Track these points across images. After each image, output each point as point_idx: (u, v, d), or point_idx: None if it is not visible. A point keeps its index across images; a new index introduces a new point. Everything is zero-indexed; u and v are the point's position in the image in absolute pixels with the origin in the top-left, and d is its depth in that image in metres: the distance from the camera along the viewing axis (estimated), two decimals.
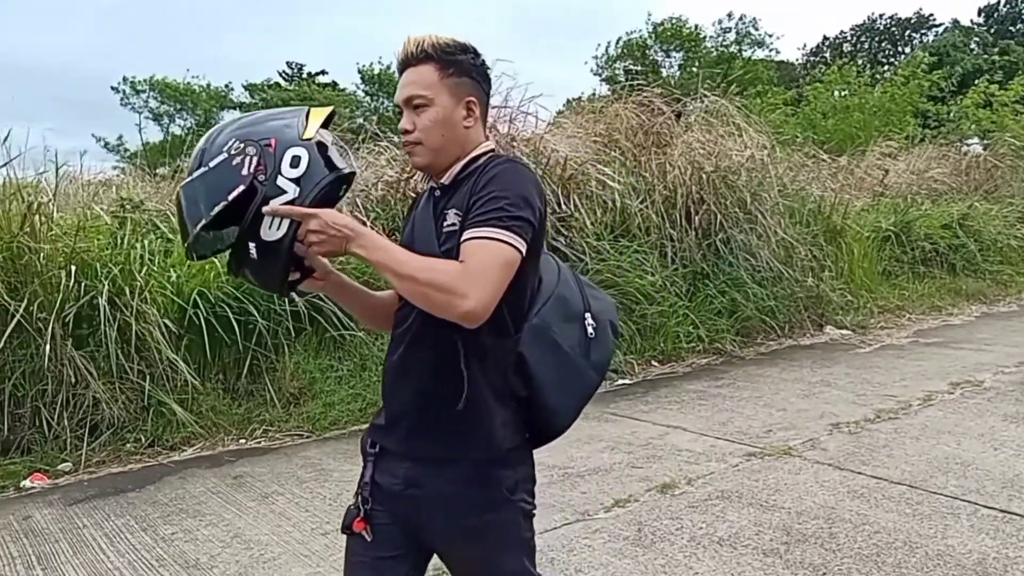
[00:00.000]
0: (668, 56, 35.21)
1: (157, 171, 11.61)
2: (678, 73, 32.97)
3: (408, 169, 7.13)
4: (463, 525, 1.55)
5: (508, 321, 1.53)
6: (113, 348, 4.62)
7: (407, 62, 1.56)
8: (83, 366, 4.54)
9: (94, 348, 4.68)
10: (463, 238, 1.43)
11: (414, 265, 1.41)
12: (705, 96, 9.05)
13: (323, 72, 36.04)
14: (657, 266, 7.12)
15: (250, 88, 31.81)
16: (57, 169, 5.31)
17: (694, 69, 29.16)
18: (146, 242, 5.46)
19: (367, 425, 1.72)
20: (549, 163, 7.10)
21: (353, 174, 1.58)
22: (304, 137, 1.48)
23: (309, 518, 3.60)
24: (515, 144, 7.11)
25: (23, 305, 4.43)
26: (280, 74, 35.18)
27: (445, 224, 1.51)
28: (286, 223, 1.45)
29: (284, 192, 1.44)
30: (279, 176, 1.45)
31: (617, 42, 35.39)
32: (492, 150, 1.63)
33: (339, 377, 5.48)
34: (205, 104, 29.34)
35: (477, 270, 1.38)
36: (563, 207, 6.89)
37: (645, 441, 4.62)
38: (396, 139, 8.63)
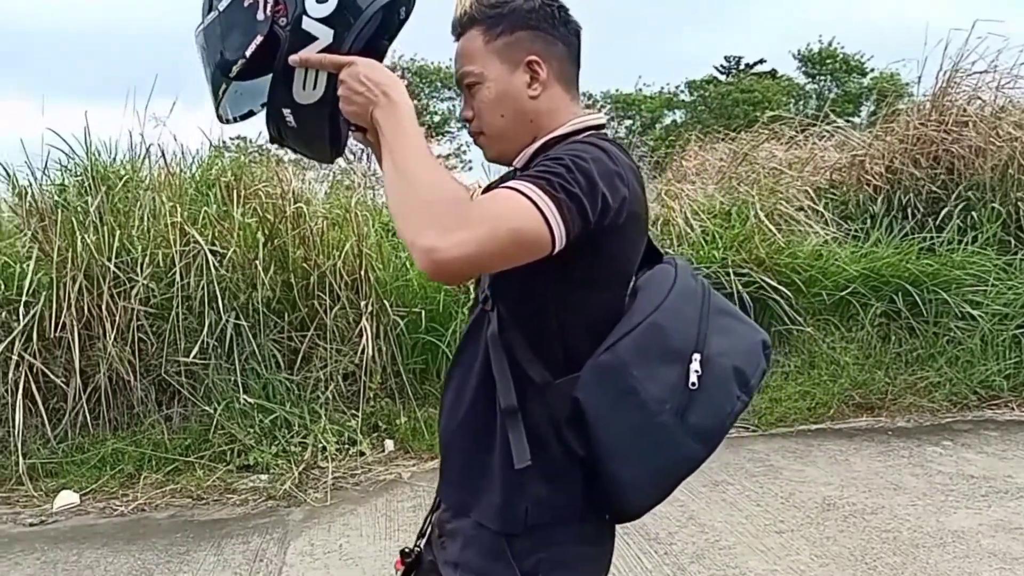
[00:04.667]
0: None
1: None
2: None
3: (866, 151, 6.62)
4: None
5: (558, 351, 1.17)
6: None
7: (454, 32, 1.23)
8: None
9: None
10: None
11: (423, 167, 1.04)
12: None
13: (761, 61, 35.35)
14: None
15: (690, 85, 32.64)
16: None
17: None
18: None
19: (816, 426, 1.50)
20: None
21: (401, 6, 1.18)
22: None
23: (762, 513, 3.57)
24: (1003, 115, 6.08)
25: None
26: (717, 68, 35.47)
27: None
28: (323, 78, 1.14)
29: (314, 39, 1.12)
30: (304, 17, 1.11)
31: None
32: (593, 128, 1.21)
33: (785, 373, 5.32)
34: (650, 106, 30.92)
35: (478, 214, 1.01)
36: None
37: None
38: (841, 123, 8.09)
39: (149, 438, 4.42)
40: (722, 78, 34.26)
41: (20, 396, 4.29)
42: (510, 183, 1.05)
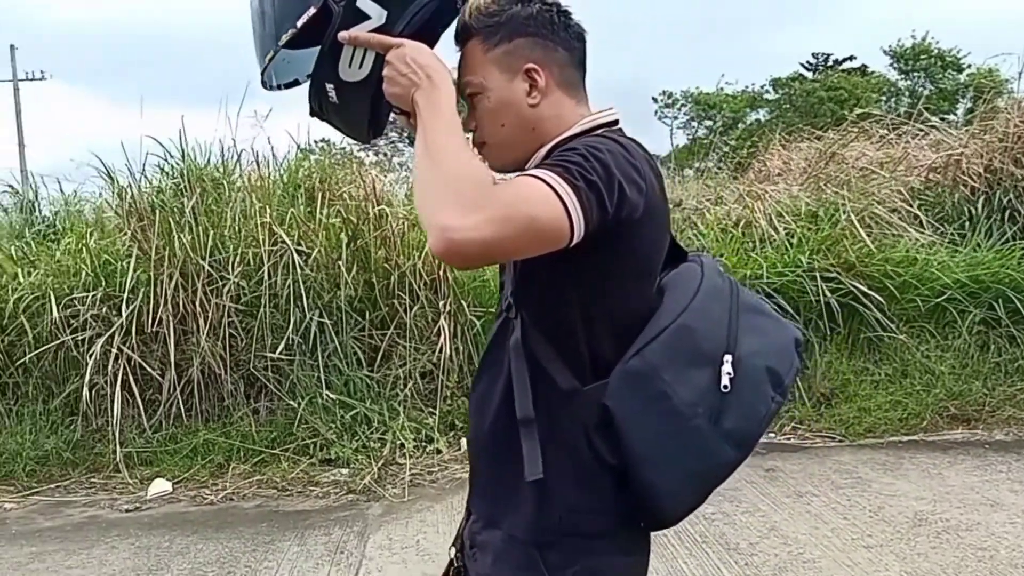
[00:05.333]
0: None
1: (684, 172, 12.43)
2: None
3: (963, 150, 6.31)
4: None
5: (584, 356, 1.13)
6: None
7: (456, 42, 1.20)
8: None
9: None
10: None
11: (451, 147, 1.02)
12: None
13: (851, 58, 34.12)
14: None
15: (775, 83, 31.78)
16: None
17: None
18: (686, 237, 5.87)
19: (908, 438, 1.41)
20: None
21: None
22: None
23: (848, 526, 3.44)
24: None
25: None
26: (803, 65, 34.42)
27: None
28: (371, 58, 1.13)
29: (366, 17, 1.11)
30: None
31: None
32: (605, 125, 1.18)
33: (875, 382, 5.11)
34: (734, 106, 30.26)
35: (499, 197, 0.98)
36: None
37: None
38: (936, 121, 7.73)
39: (238, 430, 4.59)
40: (809, 75, 33.21)
41: (119, 387, 4.52)
42: (529, 171, 1.03)
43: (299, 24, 1.10)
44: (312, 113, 1.21)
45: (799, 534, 3.38)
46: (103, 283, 4.85)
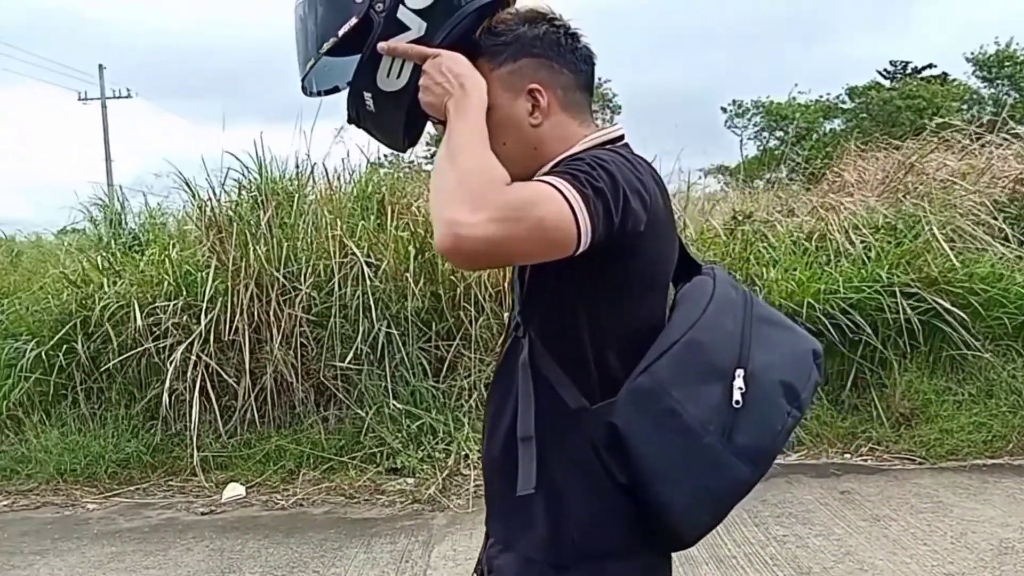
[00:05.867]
0: None
1: (754, 183, 12.18)
2: None
3: None
4: None
5: (592, 374, 1.12)
6: None
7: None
8: None
9: None
10: None
11: (471, 148, 1.04)
12: None
13: (930, 66, 32.92)
14: None
15: (851, 92, 30.88)
16: (689, 188, 6.00)
17: None
18: (756, 250, 5.75)
19: (993, 461, 1.32)
20: None
21: (497, 3, 1.18)
22: None
23: (928, 553, 3.29)
24: None
25: None
26: (880, 73, 33.38)
27: None
28: (408, 69, 1.14)
29: (406, 28, 1.13)
30: (401, 7, 1.12)
31: None
32: (609, 141, 1.18)
33: (958, 402, 4.89)
34: (807, 116, 29.53)
35: (510, 198, 0.98)
36: None
37: None
38: (1021, 130, 7.37)
39: (308, 437, 4.69)
40: (886, 84, 32.18)
41: (196, 393, 4.68)
42: (539, 177, 1.04)
43: (340, 33, 1.13)
44: (350, 120, 1.24)
45: (876, 560, 3.25)
46: (183, 292, 5.04)
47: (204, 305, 4.83)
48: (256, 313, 4.85)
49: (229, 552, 3.66)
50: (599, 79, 1.30)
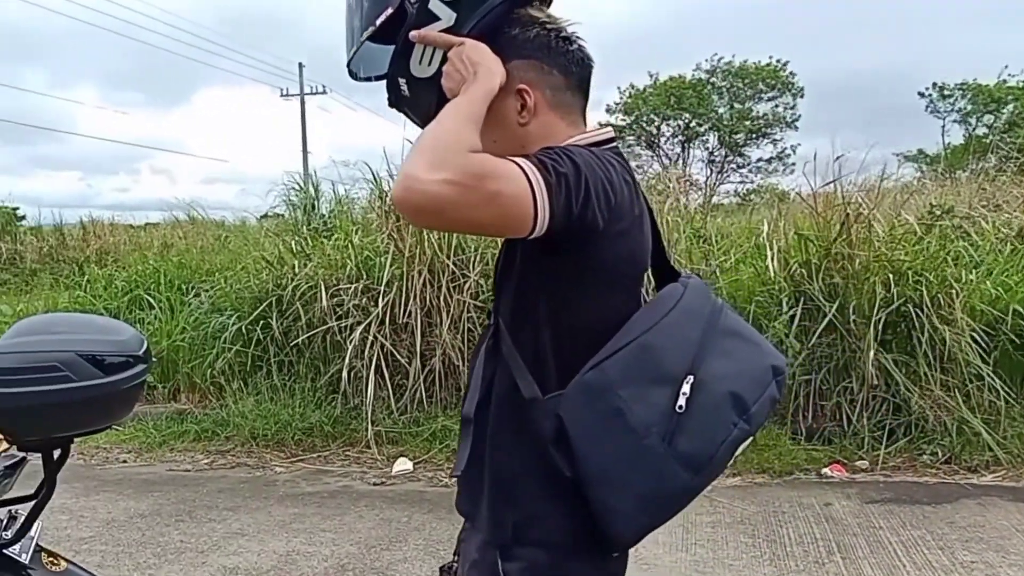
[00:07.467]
0: None
1: (955, 174, 11.05)
2: None
3: None
4: None
5: (552, 367, 1.14)
6: (921, 357, 4.59)
7: None
8: (890, 370, 4.64)
9: (898, 353, 4.74)
10: None
11: (457, 116, 1.08)
12: None
13: None
14: None
15: None
16: (881, 180, 5.57)
17: None
18: (956, 248, 5.24)
19: None
20: None
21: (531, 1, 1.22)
22: None
23: None
24: None
25: (835, 306, 4.79)
26: None
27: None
28: (438, 57, 1.19)
29: (437, 18, 1.18)
30: None
31: None
32: (595, 144, 1.19)
33: None
34: (1023, 100, 26.36)
35: (474, 163, 1.00)
36: None
37: None
38: None
39: None
40: None
41: (372, 371, 4.98)
42: (510, 158, 1.06)
43: (377, 23, 1.20)
44: (390, 104, 1.30)
45: None
46: (364, 276, 5.37)
47: (382, 288, 5.13)
48: (428, 298, 5.07)
49: (396, 523, 3.87)
50: (776, 60, 1.24)
